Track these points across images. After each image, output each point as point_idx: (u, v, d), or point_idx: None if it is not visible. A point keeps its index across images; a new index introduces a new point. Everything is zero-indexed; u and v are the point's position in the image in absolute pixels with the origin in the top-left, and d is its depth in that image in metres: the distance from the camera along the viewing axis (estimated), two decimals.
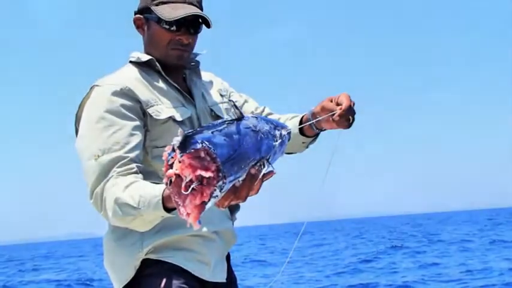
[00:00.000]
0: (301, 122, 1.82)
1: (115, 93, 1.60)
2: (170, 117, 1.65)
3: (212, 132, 1.08)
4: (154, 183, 1.44)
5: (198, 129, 1.10)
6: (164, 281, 1.61)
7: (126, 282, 1.66)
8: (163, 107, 1.66)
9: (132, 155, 1.55)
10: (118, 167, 1.51)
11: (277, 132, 1.30)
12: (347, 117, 1.68)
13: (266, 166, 1.22)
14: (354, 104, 1.70)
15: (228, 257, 1.82)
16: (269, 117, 1.82)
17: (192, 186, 1.04)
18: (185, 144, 1.04)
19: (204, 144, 1.03)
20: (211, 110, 1.80)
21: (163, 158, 1.07)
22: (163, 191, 1.34)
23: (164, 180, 1.09)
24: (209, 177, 1.04)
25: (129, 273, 1.64)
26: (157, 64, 1.71)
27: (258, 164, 1.19)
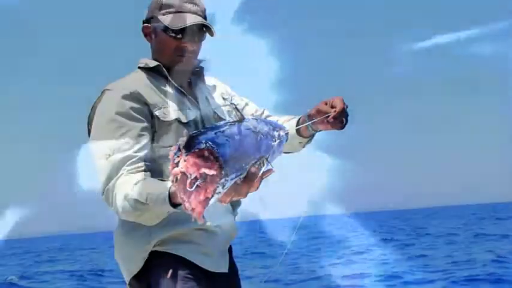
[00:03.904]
0: (298, 124, 1.82)
1: (125, 97, 1.61)
2: (176, 119, 1.65)
3: (215, 133, 1.09)
4: (161, 180, 1.44)
5: (202, 130, 1.10)
6: (171, 271, 1.61)
7: (135, 273, 1.66)
8: (170, 110, 1.66)
9: (140, 154, 1.55)
10: (127, 166, 1.52)
11: (276, 133, 1.30)
12: (341, 119, 1.69)
13: (265, 165, 1.22)
14: (347, 106, 1.70)
15: (230, 249, 1.82)
16: (268, 119, 1.82)
17: (196, 184, 1.04)
18: (190, 144, 1.04)
19: (207, 144, 1.04)
20: (215, 113, 1.80)
21: (170, 157, 1.08)
22: (170, 187, 1.34)
23: (170, 178, 1.09)
24: (212, 175, 1.04)
25: (138, 265, 1.64)
26: (164, 70, 1.71)
27: (258, 162, 1.19)
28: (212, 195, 1.05)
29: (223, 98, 1.88)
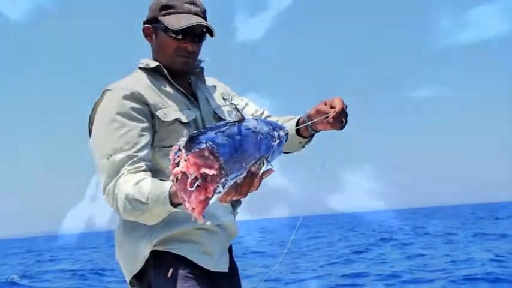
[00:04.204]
0: (297, 124, 1.82)
1: (125, 97, 1.61)
2: (176, 119, 1.65)
3: (215, 133, 1.08)
4: (162, 180, 1.44)
5: (203, 130, 1.10)
6: (171, 270, 1.61)
7: (135, 272, 1.66)
8: (170, 110, 1.66)
9: (141, 154, 1.55)
10: (128, 165, 1.52)
11: (276, 133, 1.30)
12: (340, 119, 1.69)
13: (265, 164, 1.22)
14: (346, 107, 1.70)
15: (230, 249, 1.82)
16: (268, 119, 1.82)
17: (196, 183, 1.04)
18: (190, 144, 1.04)
19: (208, 144, 1.04)
20: (215, 113, 1.80)
21: (170, 157, 1.07)
22: (170, 187, 1.34)
23: (171, 178, 1.09)
24: (212, 175, 1.04)
25: (139, 264, 1.64)
26: (165, 70, 1.71)
27: (258, 162, 1.19)
28: (212, 195, 1.05)
29: (224, 98, 1.88)
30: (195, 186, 1.04)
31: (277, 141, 1.28)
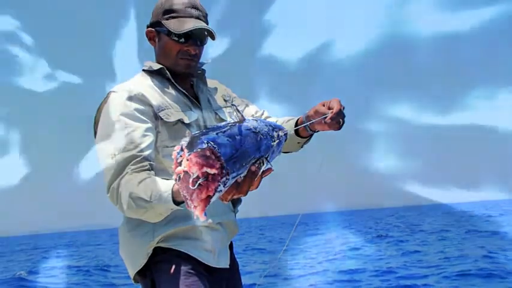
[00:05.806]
0: (296, 124, 1.82)
1: (129, 99, 1.61)
2: (179, 120, 1.65)
3: (217, 134, 1.08)
4: (164, 179, 1.44)
5: (204, 130, 1.10)
6: (174, 267, 1.61)
7: (139, 268, 1.66)
8: (173, 111, 1.66)
9: (145, 153, 1.55)
10: (132, 165, 1.52)
11: (275, 134, 1.30)
12: (338, 120, 1.68)
13: (265, 164, 1.22)
14: (343, 108, 1.70)
15: (230, 246, 1.82)
16: (268, 120, 1.82)
17: (198, 182, 1.04)
18: (192, 144, 1.04)
19: (209, 144, 1.04)
20: (216, 114, 1.80)
21: (173, 156, 1.07)
22: (173, 186, 1.35)
23: (174, 177, 1.09)
24: (214, 174, 1.04)
25: (142, 260, 1.64)
26: (168, 72, 1.71)
27: (258, 162, 1.19)
28: (214, 194, 1.05)
29: (225, 100, 1.88)
30: (197, 185, 1.04)
31: (277, 141, 1.28)
